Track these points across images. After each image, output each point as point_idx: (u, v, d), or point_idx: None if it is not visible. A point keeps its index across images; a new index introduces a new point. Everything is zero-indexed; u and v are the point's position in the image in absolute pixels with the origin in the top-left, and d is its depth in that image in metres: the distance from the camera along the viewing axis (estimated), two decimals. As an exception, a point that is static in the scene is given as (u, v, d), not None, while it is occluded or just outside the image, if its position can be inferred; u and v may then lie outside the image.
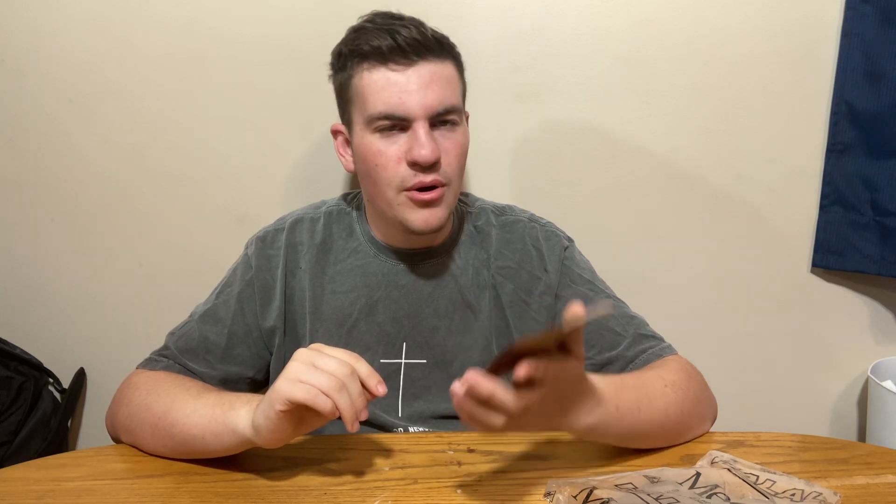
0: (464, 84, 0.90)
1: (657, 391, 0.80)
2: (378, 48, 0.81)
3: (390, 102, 0.81)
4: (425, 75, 0.82)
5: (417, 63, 0.82)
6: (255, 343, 0.93)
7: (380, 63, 0.82)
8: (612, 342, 0.91)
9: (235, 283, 0.94)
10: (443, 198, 0.85)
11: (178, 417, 0.77)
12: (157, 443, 0.80)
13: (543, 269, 0.95)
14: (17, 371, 1.33)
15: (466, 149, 0.89)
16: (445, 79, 0.84)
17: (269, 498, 0.73)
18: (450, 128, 0.85)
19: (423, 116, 0.82)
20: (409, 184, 0.84)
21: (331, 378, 0.67)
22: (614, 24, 1.23)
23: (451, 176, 0.86)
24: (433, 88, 0.82)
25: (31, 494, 0.74)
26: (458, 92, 0.87)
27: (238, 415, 0.73)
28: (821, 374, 1.38)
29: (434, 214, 0.85)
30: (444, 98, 0.83)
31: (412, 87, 0.81)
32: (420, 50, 0.82)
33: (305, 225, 0.96)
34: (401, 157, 0.83)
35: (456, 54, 0.88)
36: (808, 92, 1.26)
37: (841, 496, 0.71)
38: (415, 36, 0.81)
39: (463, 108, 0.89)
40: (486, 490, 0.74)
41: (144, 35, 1.25)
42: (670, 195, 1.31)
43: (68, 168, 1.32)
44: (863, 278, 1.33)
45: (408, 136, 0.83)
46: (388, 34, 0.81)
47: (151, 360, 0.91)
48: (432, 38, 0.83)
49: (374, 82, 0.83)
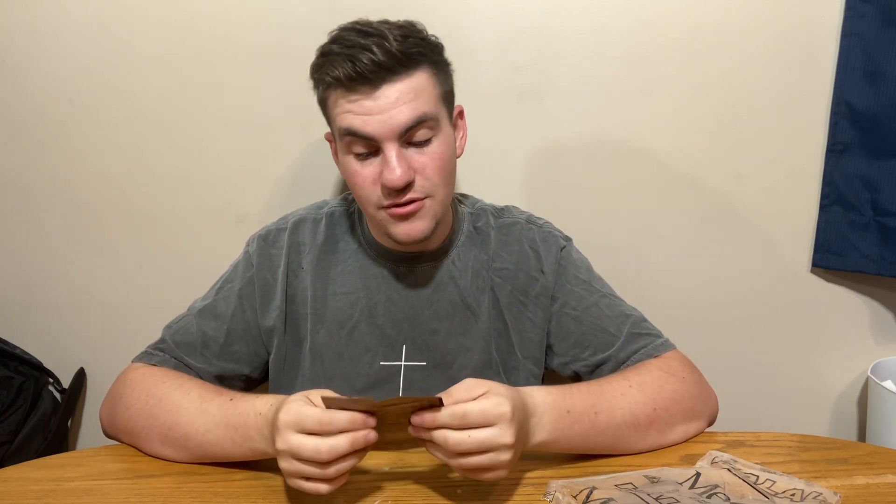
0: (445, 84, 0.87)
1: (617, 392, 0.81)
2: (338, 78, 0.80)
3: (355, 125, 0.81)
4: (391, 95, 0.80)
5: (380, 87, 0.80)
6: (254, 341, 0.93)
7: (344, 90, 0.81)
8: (605, 343, 0.91)
9: (236, 279, 0.94)
10: (423, 209, 0.85)
11: (190, 431, 0.78)
12: (166, 451, 0.80)
13: (540, 271, 0.95)
14: (17, 371, 1.33)
15: (450, 155, 0.87)
16: (414, 92, 0.81)
17: (269, 498, 0.73)
18: (425, 143, 0.83)
19: (391, 138, 0.81)
20: (384, 203, 0.84)
21: (323, 475, 0.66)
22: (614, 24, 1.23)
23: (431, 188, 0.84)
24: (399, 108, 0.80)
25: (31, 494, 0.74)
26: (433, 98, 0.84)
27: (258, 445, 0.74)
28: (821, 374, 1.38)
29: (415, 227, 0.85)
30: (413, 111, 0.81)
31: (376, 112, 0.80)
32: (381, 73, 0.79)
33: (308, 225, 0.96)
34: (375, 179, 0.83)
35: (431, 57, 0.85)
36: (808, 92, 1.26)
37: (841, 496, 0.71)
38: (376, 58, 0.78)
39: (442, 112, 0.86)
40: (486, 490, 0.74)
41: (144, 35, 1.25)
42: (670, 195, 1.31)
43: (68, 168, 1.32)
44: (863, 278, 1.33)
45: (380, 158, 0.82)
46: (349, 60, 0.78)
47: (148, 353, 0.90)
48: (397, 53, 0.79)
49: (341, 109, 0.82)
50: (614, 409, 0.79)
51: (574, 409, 0.76)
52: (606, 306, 0.94)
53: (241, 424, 0.75)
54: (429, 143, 0.83)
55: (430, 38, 0.86)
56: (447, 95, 0.88)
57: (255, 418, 0.74)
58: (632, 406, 0.80)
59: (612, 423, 0.79)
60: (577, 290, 0.94)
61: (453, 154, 0.88)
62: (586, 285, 0.95)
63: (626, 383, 0.83)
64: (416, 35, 0.83)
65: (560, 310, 0.94)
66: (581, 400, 0.78)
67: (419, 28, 0.86)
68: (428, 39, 0.85)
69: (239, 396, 0.78)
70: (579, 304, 0.93)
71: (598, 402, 0.79)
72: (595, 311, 0.93)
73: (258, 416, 0.73)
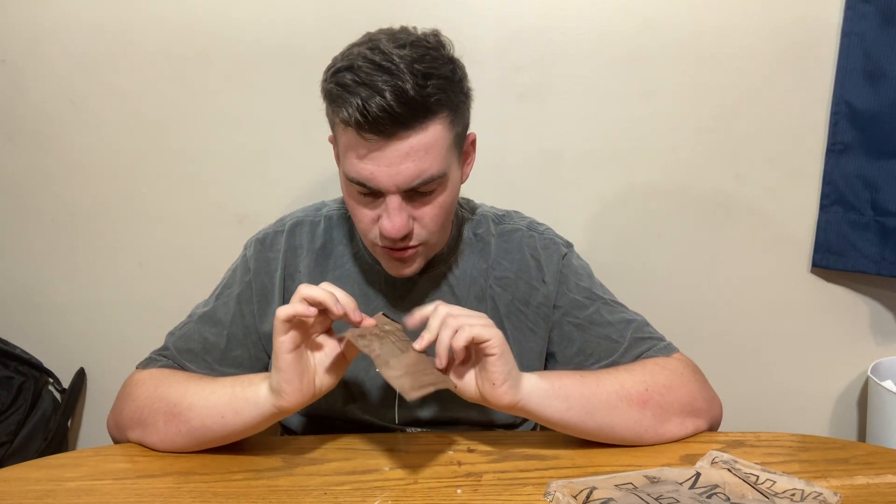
0: (460, 123, 0.81)
1: (606, 373, 0.84)
2: (346, 121, 0.75)
3: (362, 174, 0.77)
4: (401, 149, 0.75)
5: (390, 140, 0.74)
6: (254, 345, 0.93)
7: (355, 129, 0.75)
8: (609, 349, 0.91)
9: (235, 284, 0.94)
10: (416, 254, 0.84)
11: (195, 401, 0.79)
12: (170, 431, 0.80)
13: (541, 280, 0.94)
14: (17, 371, 1.34)
15: (451, 200, 0.84)
16: (425, 149, 0.76)
17: (269, 498, 0.73)
18: (429, 192, 0.81)
19: (395, 192, 0.78)
20: (380, 243, 0.83)
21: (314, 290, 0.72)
22: (614, 24, 1.23)
23: (428, 236, 0.83)
24: (406, 164, 0.76)
25: (31, 494, 0.74)
26: (444, 150, 0.78)
27: (258, 388, 0.76)
28: (821, 374, 1.38)
29: (406, 269, 0.86)
30: (421, 171, 0.76)
31: (383, 164, 0.76)
32: (393, 127, 0.74)
33: (306, 228, 0.96)
34: (374, 219, 0.82)
35: (451, 99, 0.77)
36: (808, 92, 1.26)
37: (841, 496, 0.71)
38: (390, 109, 0.72)
39: (452, 159, 0.81)
40: (486, 490, 0.75)
41: (144, 35, 1.25)
42: (670, 195, 1.31)
43: (68, 168, 1.32)
44: (863, 278, 1.33)
45: (381, 204, 0.80)
46: (361, 104, 0.72)
47: (151, 359, 0.91)
48: (414, 100, 0.73)
49: (348, 147, 0.77)
50: (602, 380, 0.82)
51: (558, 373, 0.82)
52: (608, 312, 0.93)
53: (244, 380, 0.79)
54: (433, 193, 0.81)
55: (454, 71, 0.79)
56: (460, 136, 0.83)
57: (263, 374, 0.78)
58: (622, 381, 0.83)
59: (601, 389, 0.81)
60: (578, 298, 0.93)
61: (455, 198, 0.86)
62: (588, 292, 0.95)
63: (614, 369, 0.86)
64: (437, 72, 0.75)
65: (562, 318, 0.93)
66: (566, 371, 0.84)
67: (444, 55, 0.78)
68: (451, 77, 0.78)
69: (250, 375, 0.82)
70: (581, 311, 0.93)
71: (584, 374, 0.83)
72: (597, 318, 0.92)
73: (264, 379, 0.77)
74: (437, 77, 0.75)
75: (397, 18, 1.14)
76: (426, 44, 0.77)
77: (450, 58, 0.79)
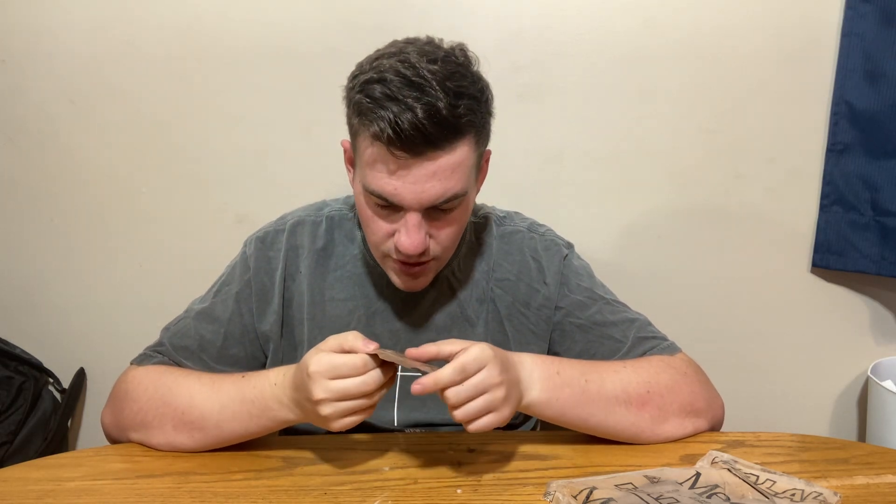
0: (483, 143, 0.82)
1: (611, 369, 0.83)
2: (377, 135, 0.74)
3: (385, 190, 0.77)
4: (428, 168, 0.74)
5: (419, 159, 0.74)
6: (251, 344, 0.93)
7: (385, 144, 0.74)
8: (612, 349, 0.91)
9: (234, 282, 0.93)
10: (428, 268, 0.84)
11: (207, 413, 0.80)
12: (180, 436, 0.81)
13: (542, 282, 0.94)
14: (17, 371, 1.34)
15: (467, 216, 0.85)
16: (451, 169, 0.76)
17: (269, 498, 0.73)
18: (448, 211, 0.81)
19: (416, 209, 0.78)
20: (393, 256, 0.83)
21: (357, 405, 0.72)
22: (614, 24, 1.23)
23: (441, 252, 0.83)
24: (433, 184, 0.75)
25: (31, 494, 0.74)
26: (468, 170, 0.78)
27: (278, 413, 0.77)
28: (821, 374, 1.38)
29: (417, 283, 0.86)
30: (446, 190, 0.76)
31: (409, 182, 0.75)
32: (426, 144, 0.73)
33: (307, 228, 0.95)
34: (390, 233, 0.81)
35: (479, 119, 0.77)
36: (808, 92, 1.26)
37: (841, 496, 0.71)
38: (422, 127, 0.71)
39: (473, 179, 0.82)
40: (486, 490, 0.74)
41: (144, 35, 1.25)
42: (670, 195, 1.31)
43: (68, 168, 1.32)
44: (863, 278, 1.33)
45: (400, 219, 0.79)
46: (393, 120, 0.71)
47: (146, 355, 0.90)
48: (445, 120, 0.72)
49: (373, 160, 0.76)
50: (605, 381, 0.81)
51: (564, 372, 0.79)
52: (611, 312, 0.93)
53: (257, 397, 0.78)
54: (452, 210, 0.81)
55: (482, 91, 0.79)
56: (481, 155, 0.84)
57: (270, 388, 0.77)
58: (624, 383, 0.82)
59: (602, 394, 0.80)
60: (580, 299, 0.93)
61: (469, 213, 0.87)
62: (589, 292, 0.94)
63: (621, 365, 0.85)
64: (468, 91, 0.75)
65: (564, 319, 0.93)
66: (571, 367, 0.81)
67: (472, 73, 0.78)
68: (479, 98, 0.78)
69: (250, 373, 0.82)
70: (583, 311, 0.93)
71: (588, 371, 0.81)
72: (600, 318, 0.92)
73: (274, 387, 0.77)
74: (467, 97, 0.75)
75: (397, 19, 1.14)
76: (455, 60, 0.77)
77: (478, 76, 0.80)
